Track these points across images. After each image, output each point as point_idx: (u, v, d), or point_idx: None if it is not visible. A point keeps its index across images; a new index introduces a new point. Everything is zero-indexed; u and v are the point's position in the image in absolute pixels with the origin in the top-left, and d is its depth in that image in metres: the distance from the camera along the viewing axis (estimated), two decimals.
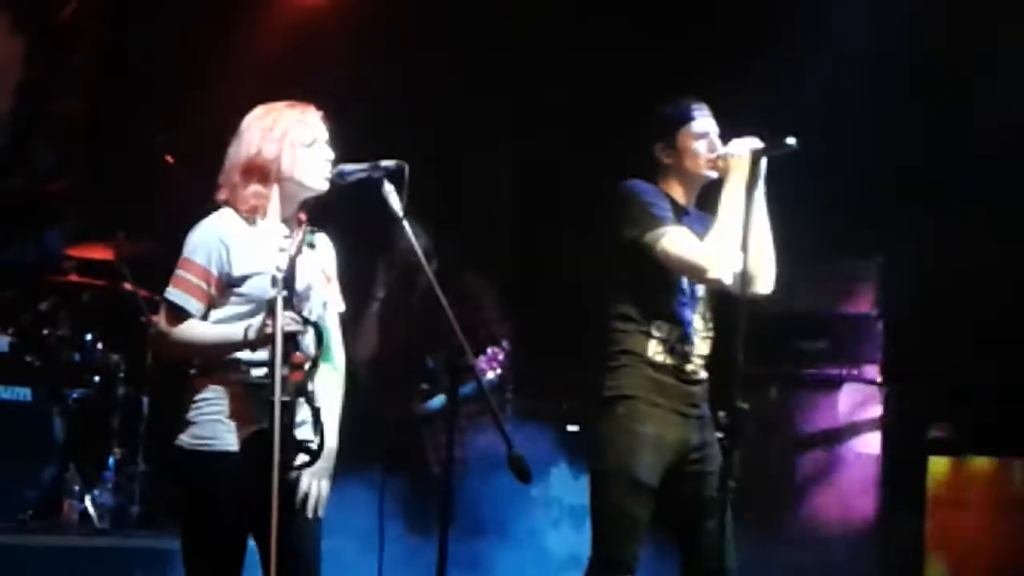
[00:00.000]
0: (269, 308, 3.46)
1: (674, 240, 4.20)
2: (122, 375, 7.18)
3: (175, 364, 3.94)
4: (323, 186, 3.76)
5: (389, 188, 3.67)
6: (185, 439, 3.65)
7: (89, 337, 7.19)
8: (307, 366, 3.59)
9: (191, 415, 3.66)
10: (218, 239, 3.69)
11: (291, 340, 3.50)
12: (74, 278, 7.48)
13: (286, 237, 3.62)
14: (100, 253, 7.39)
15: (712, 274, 4.21)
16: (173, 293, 3.67)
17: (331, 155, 3.79)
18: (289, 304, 3.50)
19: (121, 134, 8.26)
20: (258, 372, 3.57)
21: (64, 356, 7.08)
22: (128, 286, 7.27)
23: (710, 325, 4.42)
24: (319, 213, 3.86)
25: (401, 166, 3.66)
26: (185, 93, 8.02)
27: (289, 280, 3.50)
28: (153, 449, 6.97)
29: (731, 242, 4.17)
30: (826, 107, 6.55)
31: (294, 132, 3.75)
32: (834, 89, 6.77)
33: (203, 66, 8.14)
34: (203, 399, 3.66)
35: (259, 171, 3.73)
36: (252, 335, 3.52)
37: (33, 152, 8.67)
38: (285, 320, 3.46)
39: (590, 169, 4.94)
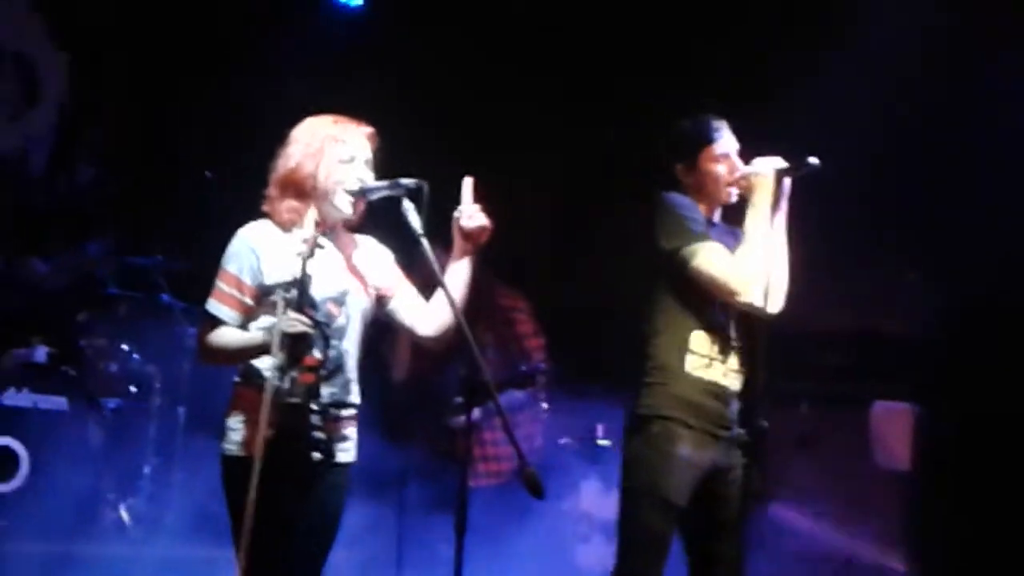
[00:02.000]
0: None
1: (708, 258, 4.19)
2: (158, 385, 7.26)
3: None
4: (349, 206, 3.82)
5: (408, 206, 3.70)
6: (224, 444, 3.77)
7: (126, 347, 7.29)
8: (319, 369, 3.66)
9: (230, 422, 3.77)
10: (250, 248, 3.78)
11: (301, 342, 3.56)
12: (112, 289, 7.59)
13: (303, 240, 3.69)
14: (139, 264, 7.48)
15: (742, 296, 4.21)
16: (209, 303, 3.81)
17: (367, 174, 3.83)
18: (299, 307, 3.56)
19: (161, 148, 8.36)
20: (274, 376, 3.64)
21: (101, 366, 7.18)
22: (165, 298, 7.36)
23: (743, 336, 4.41)
24: (364, 222, 3.94)
25: (421, 184, 3.70)
26: (222, 107, 8.12)
27: (300, 283, 3.57)
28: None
29: (759, 263, 4.18)
30: (858, 123, 6.53)
31: (331, 148, 3.81)
32: (864, 103, 6.74)
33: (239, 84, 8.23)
34: (235, 407, 3.77)
35: (295, 186, 3.81)
36: (267, 338, 3.60)
37: (74, 165, 8.79)
38: (292, 322, 3.51)
39: (627, 183, 4.94)
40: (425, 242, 3.64)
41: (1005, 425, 6.66)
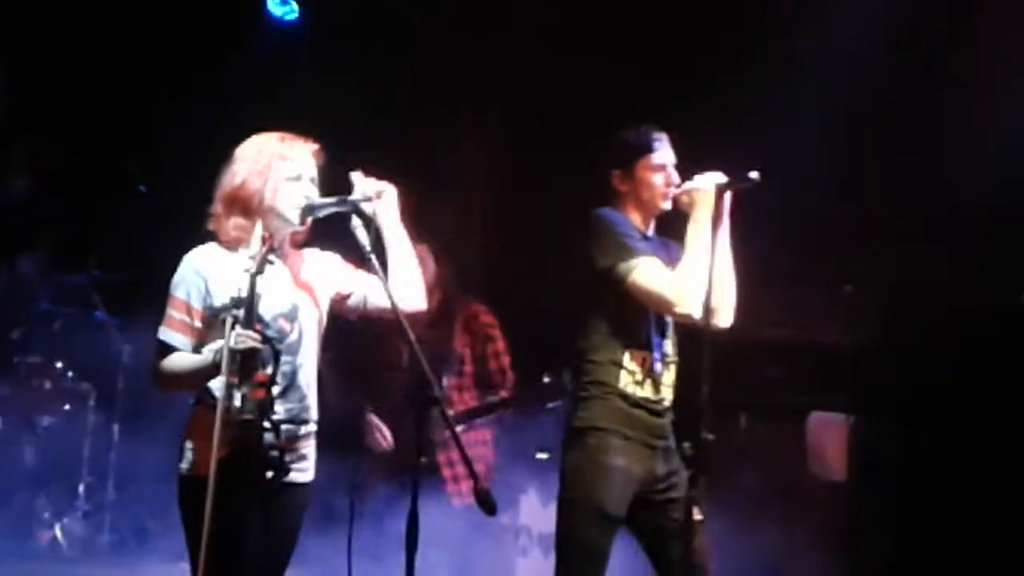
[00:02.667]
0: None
1: (645, 273, 4.22)
2: (92, 403, 7.19)
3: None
4: (290, 224, 3.81)
5: (357, 223, 3.70)
6: (182, 466, 3.75)
7: (60, 365, 7.21)
8: (270, 384, 3.65)
9: (186, 443, 3.76)
10: (195, 273, 3.77)
11: (251, 358, 3.56)
12: (46, 305, 7.51)
13: (251, 258, 3.68)
14: (73, 280, 7.41)
15: (680, 308, 4.24)
16: (160, 331, 3.80)
17: (313, 191, 3.82)
18: (248, 323, 3.56)
19: (94, 163, 8.27)
20: (225, 394, 3.61)
21: (35, 383, 7.10)
22: (100, 314, 7.29)
23: (676, 351, 4.47)
24: (310, 236, 3.93)
25: (368, 198, 3.69)
26: (158, 120, 8.06)
27: (249, 299, 3.57)
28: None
29: (700, 276, 4.20)
30: (795, 135, 6.61)
31: (279, 166, 3.81)
32: (804, 116, 6.83)
33: (176, 93, 8.17)
34: (194, 427, 3.76)
35: (242, 203, 3.80)
36: (218, 357, 3.59)
37: (8, 177, 8.68)
38: (240, 338, 3.51)
39: (571, 193, 4.96)
40: (374, 258, 3.63)
41: (939, 436, 6.76)
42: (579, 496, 4.27)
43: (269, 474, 3.65)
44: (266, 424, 3.62)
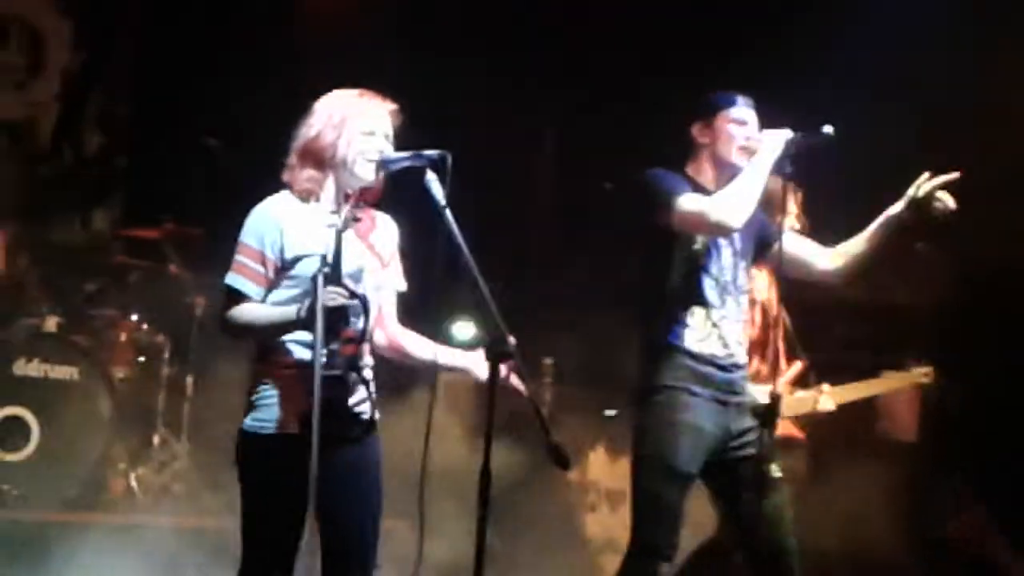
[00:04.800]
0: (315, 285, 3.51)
1: (689, 198, 4.25)
2: (167, 356, 7.28)
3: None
4: (371, 176, 3.80)
5: (431, 177, 3.66)
6: (247, 421, 3.73)
7: (135, 317, 7.30)
8: (359, 340, 3.65)
9: (253, 398, 3.74)
10: (272, 221, 3.74)
11: (339, 314, 3.53)
12: (121, 259, 7.59)
13: (332, 213, 3.68)
14: (147, 234, 7.49)
15: (726, 224, 4.22)
16: (230, 277, 3.73)
17: (387, 147, 3.82)
18: (336, 279, 3.54)
19: (168, 117, 8.34)
20: (309, 350, 3.59)
21: (110, 336, 7.19)
22: (174, 267, 7.36)
23: (744, 309, 4.47)
24: (382, 197, 3.91)
25: (444, 155, 3.66)
26: (231, 74, 8.10)
27: (335, 256, 3.55)
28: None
29: (746, 196, 4.21)
30: (875, 89, 6.54)
31: (354, 120, 3.79)
32: (878, 68, 6.74)
33: (246, 48, 8.20)
34: (263, 383, 3.73)
35: (314, 155, 3.78)
36: (304, 313, 3.55)
37: (81, 134, 8.77)
38: (331, 295, 3.50)
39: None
40: (448, 213, 3.61)
41: (1012, 397, 6.68)
42: (650, 453, 4.30)
43: (359, 427, 3.68)
44: (355, 378, 3.63)
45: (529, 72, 8.33)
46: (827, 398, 5.42)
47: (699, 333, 4.33)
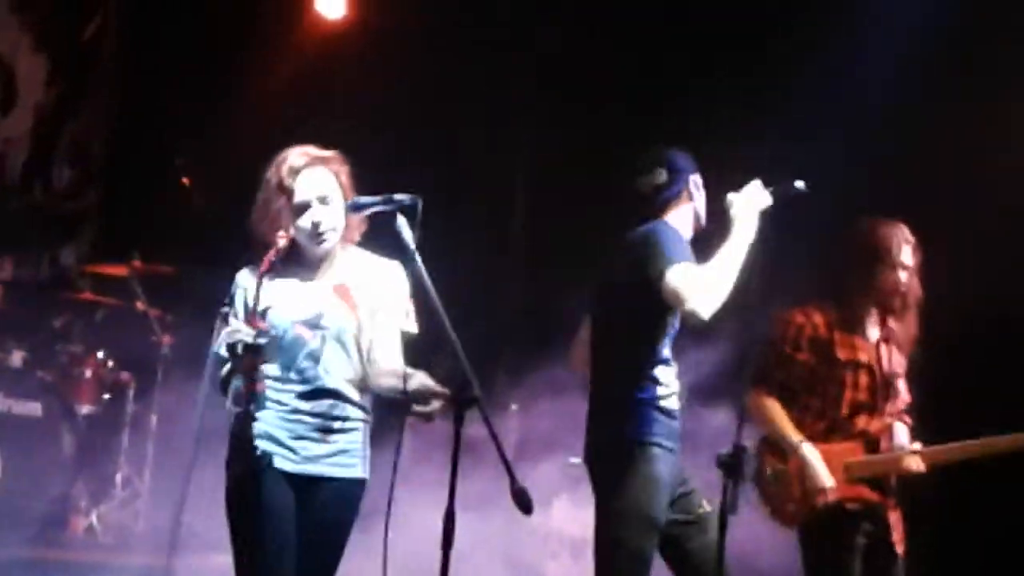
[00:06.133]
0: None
1: (676, 273, 4.24)
2: (131, 393, 7.26)
3: None
4: (318, 245, 3.85)
5: (402, 222, 3.69)
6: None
7: (101, 354, 7.28)
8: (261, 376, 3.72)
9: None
10: (240, 288, 3.87)
11: (248, 352, 3.63)
12: (88, 296, 7.58)
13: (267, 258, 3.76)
14: (114, 271, 7.48)
15: (689, 305, 4.21)
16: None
17: (323, 212, 3.83)
18: (248, 319, 3.68)
19: (138, 154, 8.35)
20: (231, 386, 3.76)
21: (75, 372, 7.17)
22: (141, 305, 7.35)
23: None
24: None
25: (415, 200, 3.69)
26: (205, 115, 8.12)
27: (254, 298, 3.69)
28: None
29: (726, 286, 4.24)
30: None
31: (280, 203, 3.82)
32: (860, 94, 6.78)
33: (222, 87, 8.23)
34: None
35: (258, 236, 3.86)
36: (219, 349, 3.70)
37: (51, 170, 8.77)
38: (233, 333, 3.63)
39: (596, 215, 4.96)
40: (419, 258, 3.64)
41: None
42: (629, 506, 4.32)
43: (288, 465, 3.76)
44: (257, 415, 3.69)
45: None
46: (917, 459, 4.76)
47: (667, 389, 4.41)
